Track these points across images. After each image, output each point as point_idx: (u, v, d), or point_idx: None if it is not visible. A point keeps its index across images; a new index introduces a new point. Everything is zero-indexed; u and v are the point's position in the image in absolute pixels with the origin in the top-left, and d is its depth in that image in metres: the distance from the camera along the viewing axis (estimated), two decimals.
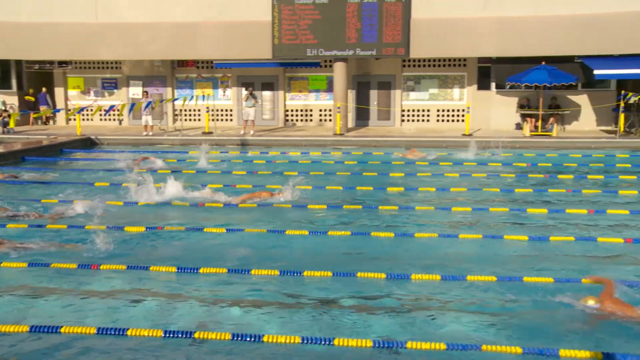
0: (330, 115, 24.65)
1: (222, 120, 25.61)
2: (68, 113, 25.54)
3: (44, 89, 26.08)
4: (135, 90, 25.72)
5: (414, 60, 24.13)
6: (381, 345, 6.02)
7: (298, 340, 6.11)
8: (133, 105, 22.03)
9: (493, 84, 23.90)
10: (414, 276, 7.88)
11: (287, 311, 6.99)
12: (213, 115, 23.88)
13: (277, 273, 8.13)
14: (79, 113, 23.08)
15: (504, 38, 21.96)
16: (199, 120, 25.42)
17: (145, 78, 25.80)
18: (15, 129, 23.55)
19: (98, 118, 26.27)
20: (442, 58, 23.99)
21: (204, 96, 23.52)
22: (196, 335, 6.20)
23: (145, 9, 23.59)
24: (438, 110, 24.57)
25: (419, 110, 24.68)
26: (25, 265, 8.23)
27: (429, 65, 24.31)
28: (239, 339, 6.15)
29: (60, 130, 24.02)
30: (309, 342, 6.09)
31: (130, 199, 12.18)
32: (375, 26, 22.12)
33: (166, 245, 9.53)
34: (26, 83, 26.59)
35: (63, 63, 25.82)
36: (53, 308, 7.06)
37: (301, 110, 25.42)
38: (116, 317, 6.76)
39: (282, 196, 12.08)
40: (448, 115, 24.52)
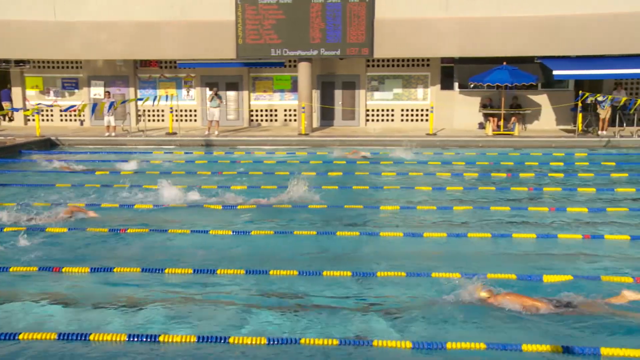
0: (295, 115, 24.64)
1: (186, 120, 25.37)
2: (24, 112, 24.93)
3: (8, 86, 25.50)
4: (97, 91, 25.29)
5: (378, 60, 24.28)
6: (347, 343, 6.04)
7: (264, 341, 6.10)
8: (95, 106, 21.65)
9: (456, 84, 24.19)
10: (379, 274, 7.93)
11: (253, 311, 6.96)
12: (177, 115, 23.63)
13: (243, 272, 8.10)
14: (38, 113, 22.60)
15: (466, 38, 22.26)
16: (163, 120, 25.13)
17: (107, 78, 25.38)
18: None
19: (59, 118, 25.75)
20: (406, 58, 24.18)
21: (167, 96, 23.25)
22: (161, 338, 6.13)
23: (106, 7, 23.20)
24: (402, 110, 24.76)
25: (383, 110, 24.84)
26: None
27: (393, 65, 24.49)
28: (205, 341, 6.10)
29: (18, 130, 23.46)
30: (276, 343, 6.08)
31: (94, 201, 11.98)
32: (339, 26, 22.19)
33: (130, 247, 9.40)
34: None
35: (20, 62, 25.21)
36: (13, 313, 6.89)
37: (266, 111, 25.34)
38: (78, 321, 6.64)
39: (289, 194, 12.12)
40: (412, 115, 24.73)
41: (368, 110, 24.86)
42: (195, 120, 25.52)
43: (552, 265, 8.47)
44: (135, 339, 6.12)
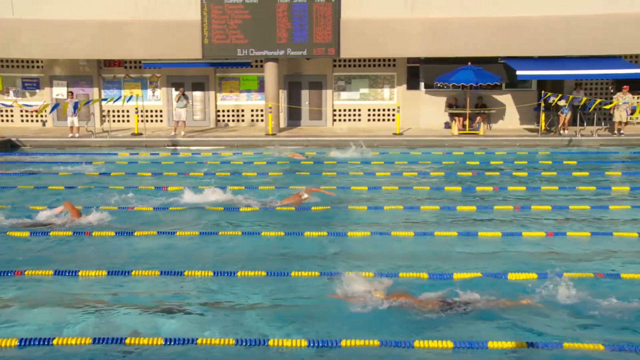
0: (262, 115, 24.56)
1: (152, 121, 25.06)
2: None
3: None
4: (60, 91, 24.80)
5: (345, 60, 24.34)
6: (315, 345, 6.04)
7: (232, 342, 6.06)
8: (56, 106, 21.22)
9: (422, 84, 24.40)
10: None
11: (222, 312, 6.92)
12: (142, 116, 23.33)
13: (211, 274, 8.05)
14: None
15: (431, 39, 22.47)
16: (129, 121, 24.78)
17: (69, 78, 24.91)
18: None
19: (19, 119, 25.20)
20: (372, 58, 24.30)
21: (131, 96, 22.94)
22: (127, 341, 6.05)
23: (68, 5, 22.76)
24: (369, 110, 24.88)
25: (350, 110, 24.92)
26: None
27: (360, 65, 24.58)
28: (173, 343, 6.04)
29: None
30: (244, 344, 6.05)
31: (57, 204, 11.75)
32: (305, 26, 22.19)
33: (96, 250, 9.25)
34: None
35: None
36: None
37: (233, 111, 25.19)
38: (41, 326, 6.51)
39: (306, 199, 12.04)
40: (379, 115, 24.87)
41: (335, 110, 24.92)
42: (161, 120, 25.24)
43: (517, 263, 8.60)
44: (101, 342, 6.03)
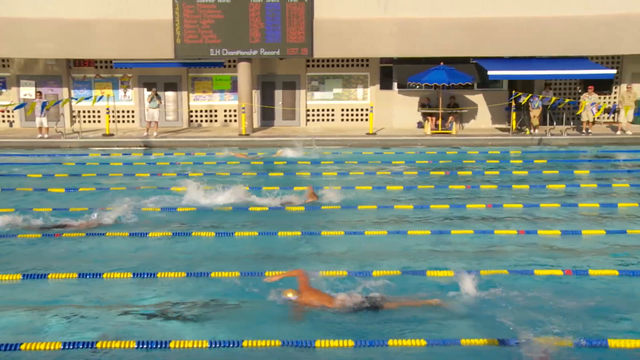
0: (235, 115, 24.44)
1: (124, 121, 24.77)
2: None
3: None
4: (28, 91, 24.37)
5: (318, 61, 24.35)
6: (289, 344, 6.04)
7: (206, 344, 6.03)
8: (22, 105, 20.82)
9: (395, 84, 24.51)
10: (321, 273, 7.95)
11: (197, 314, 6.87)
12: (114, 116, 23.04)
13: (184, 275, 8.00)
14: None
15: (404, 39, 22.58)
16: (99, 122, 24.45)
17: (38, 77, 24.48)
18: None
19: None
20: (345, 58, 24.34)
21: (102, 97, 22.64)
22: (98, 345, 5.98)
23: (37, 3, 22.36)
24: (342, 110, 24.91)
25: (323, 110, 24.93)
26: None
27: (333, 66, 24.61)
28: (145, 346, 5.98)
29: None
30: (217, 346, 6.02)
31: (26, 206, 11.56)
32: (278, 26, 22.14)
33: (65, 251, 9.12)
34: None
35: None
36: None
37: (206, 111, 25.02)
38: (10, 330, 6.40)
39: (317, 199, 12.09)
40: (352, 115, 24.92)
41: (308, 110, 24.92)
42: (133, 121, 24.96)
43: (487, 260, 8.70)
44: (71, 347, 5.95)
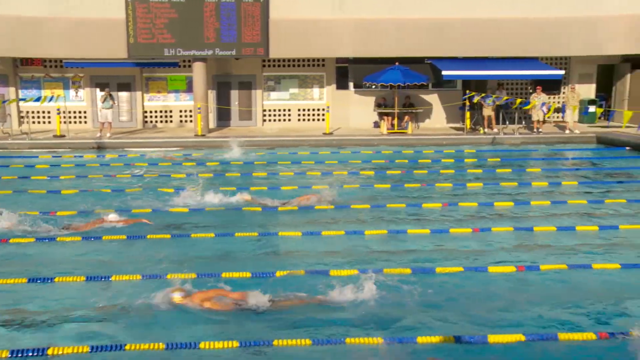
0: (191, 116, 24.17)
1: (76, 122, 24.21)
2: None
3: None
4: None
5: (274, 60, 24.28)
6: (247, 345, 6.01)
7: (162, 346, 5.96)
8: None
9: (351, 84, 24.63)
10: (278, 273, 7.93)
11: (149, 317, 6.76)
12: (65, 117, 22.49)
13: (139, 277, 7.87)
14: None
15: (359, 39, 22.71)
16: (50, 122, 23.84)
17: None
18: None
19: None
20: (302, 58, 24.35)
21: (52, 97, 22.08)
22: (49, 351, 5.83)
23: None
24: (299, 110, 24.91)
25: (280, 110, 24.88)
26: None
27: (289, 65, 24.58)
28: (97, 350, 5.87)
29: None
30: (172, 348, 5.95)
31: None
32: (234, 26, 21.98)
33: (16, 257, 8.87)
34: None
35: None
36: None
37: (161, 112, 24.66)
38: None
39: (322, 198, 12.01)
40: (309, 115, 24.94)
41: (265, 110, 24.83)
42: (85, 122, 24.42)
43: (443, 258, 8.82)
44: (20, 355, 5.79)
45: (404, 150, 19.76)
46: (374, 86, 23.19)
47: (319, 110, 24.79)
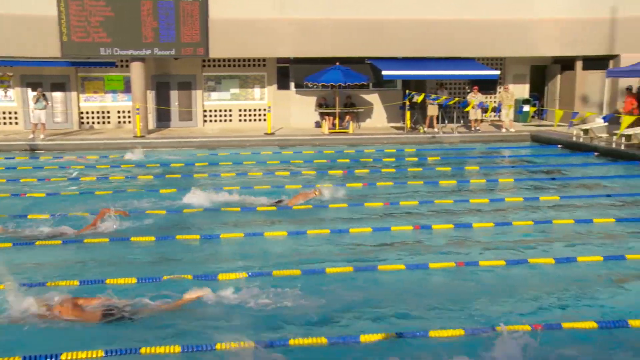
0: (129, 117, 23.64)
1: (5, 123, 23.31)
2: None
3: None
4: None
5: (214, 60, 24.03)
6: (190, 350, 5.90)
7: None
8: None
9: (292, 84, 24.63)
10: (220, 276, 7.85)
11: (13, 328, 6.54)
12: None
13: (77, 283, 7.64)
14: None
15: (300, 39, 22.74)
16: None
17: None
18: None
19: None
20: (242, 58, 24.18)
21: None
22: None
23: None
24: (240, 110, 24.74)
25: (221, 110, 24.63)
26: None
27: (230, 65, 24.37)
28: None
29: None
30: (116, 353, 5.81)
31: None
32: (172, 25, 21.62)
33: None
34: None
35: None
36: None
37: (98, 112, 24.02)
38: None
39: (319, 195, 11.96)
40: (250, 115, 24.80)
41: (205, 111, 24.53)
42: (16, 123, 23.53)
43: (386, 256, 8.92)
44: None
45: (345, 150, 19.90)
46: (315, 86, 23.25)
47: (260, 110, 24.68)
